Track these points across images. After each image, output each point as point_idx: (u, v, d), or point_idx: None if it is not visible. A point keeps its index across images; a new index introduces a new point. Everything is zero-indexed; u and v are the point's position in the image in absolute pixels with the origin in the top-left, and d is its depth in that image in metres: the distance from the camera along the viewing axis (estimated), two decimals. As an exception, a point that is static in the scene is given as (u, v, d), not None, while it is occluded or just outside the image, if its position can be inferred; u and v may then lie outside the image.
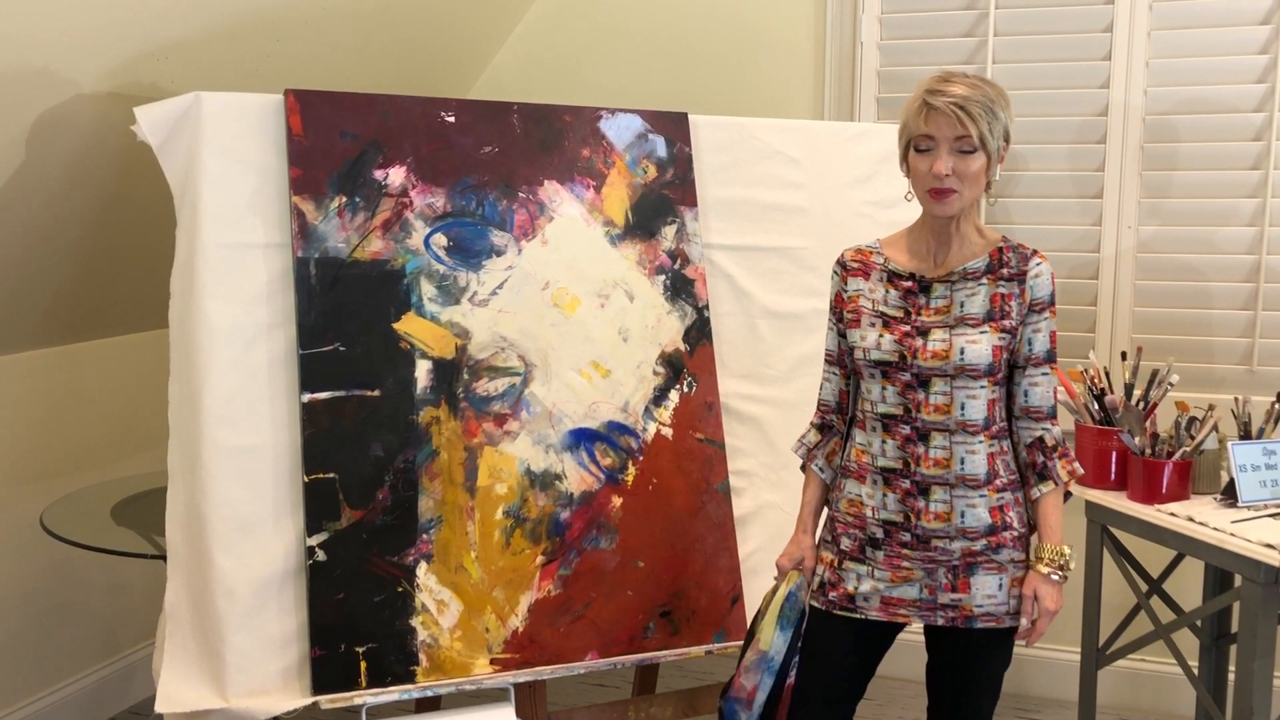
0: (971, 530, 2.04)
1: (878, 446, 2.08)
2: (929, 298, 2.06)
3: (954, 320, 2.04)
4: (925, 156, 2.00)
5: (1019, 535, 2.08)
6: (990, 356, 2.01)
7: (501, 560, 2.44)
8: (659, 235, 2.70)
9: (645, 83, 3.63)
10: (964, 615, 2.06)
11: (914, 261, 2.10)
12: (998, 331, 2.02)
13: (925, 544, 2.05)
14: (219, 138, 2.33)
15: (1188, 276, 3.20)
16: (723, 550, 2.63)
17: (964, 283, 2.05)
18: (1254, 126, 3.10)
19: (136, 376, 3.40)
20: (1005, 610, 2.07)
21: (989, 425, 2.05)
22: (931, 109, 1.97)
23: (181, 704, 2.21)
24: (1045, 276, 2.05)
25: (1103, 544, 2.81)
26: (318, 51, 3.03)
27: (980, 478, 2.04)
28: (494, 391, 2.49)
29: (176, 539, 2.30)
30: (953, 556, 2.05)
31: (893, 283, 2.10)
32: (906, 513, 2.05)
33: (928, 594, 2.06)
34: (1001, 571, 2.06)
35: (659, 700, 2.62)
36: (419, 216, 2.48)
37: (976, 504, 2.04)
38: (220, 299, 2.30)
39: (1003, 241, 2.08)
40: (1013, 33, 3.28)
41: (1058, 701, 3.41)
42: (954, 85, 1.97)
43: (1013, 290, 2.04)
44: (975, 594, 2.05)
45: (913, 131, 2.01)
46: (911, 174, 2.05)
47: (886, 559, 2.08)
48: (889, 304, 2.08)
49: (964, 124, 1.95)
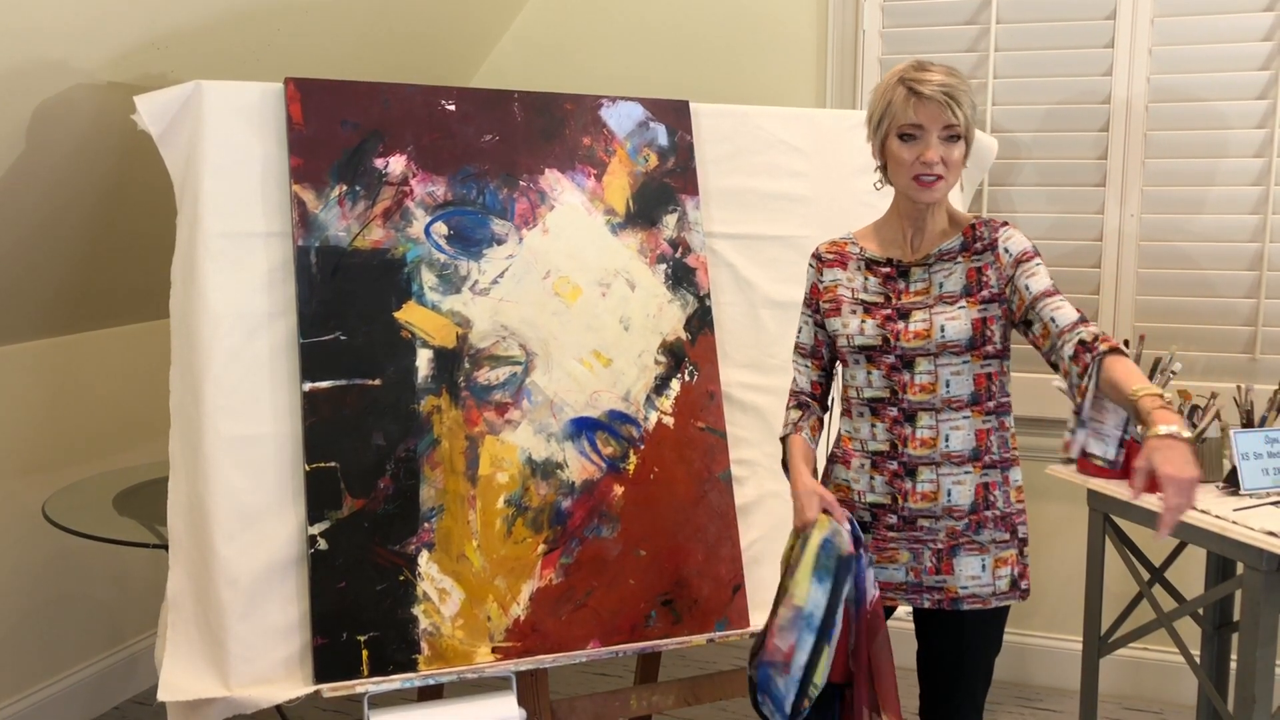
0: (957, 509, 2.05)
1: (866, 430, 2.10)
2: (908, 282, 2.08)
3: (933, 300, 2.05)
4: (912, 145, 1.99)
5: (1001, 515, 2.07)
6: (970, 330, 2.02)
7: (503, 549, 2.44)
8: (660, 224, 2.69)
9: (647, 71, 3.62)
10: (949, 597, 2.07)
11: (890, 248, 2.12)
12: (976, 305, 2.03)
13: (911, 524, 2.06)
14: (220, 127, 2.32)
15: (1190, 264, 3.19)
16: (725, 539, 2.63)
17: (941, 264, 2.07)
18: (1257, 114, 3.09)
19: (138, 366, 3.40)
20: (991, 592, 2.07)
21: (978, 401, 2.05)
22: (921, 97, 1.96)
23: (184, 693, 2.22)
24: (1017, 235, 2.06)
25: (1104, 532, 2.81)
26: (318, 40, 3.02)
27: (965, 453, 2.04)
28: (495, 380, 2.49)
29: (178, 528, 2.30)
30: (938, 537, 2.06)
31: (871, 270, 2.11)
32: (894, 494, 2.06)
33: (913, 576, 2.08)
34: (984, 553, 2.07)
35: (661, 689, 2.63)
36: (420, 205, 2.47)
37: (963, 480, 2.05)
38: (221, 288, 2.30)
39: (974, 219, 2.10)
40: (1015, 20, 3.27)
41: (1060, 690, 3.42)
42: (935, 74, 1.98)
43: (987, 260, 2.04)
44: (959, 575, 2.06)
45: (900, 120, 1.99)
46: (892, 162, 2.04)
47: (874, 542, 2.09)
48: (868, 291, 2.10)
49: (954, 111, 1.96)
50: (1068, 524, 3.35)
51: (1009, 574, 2.08)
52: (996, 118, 3.30)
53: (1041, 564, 3.40)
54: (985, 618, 2.09)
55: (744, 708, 3.28)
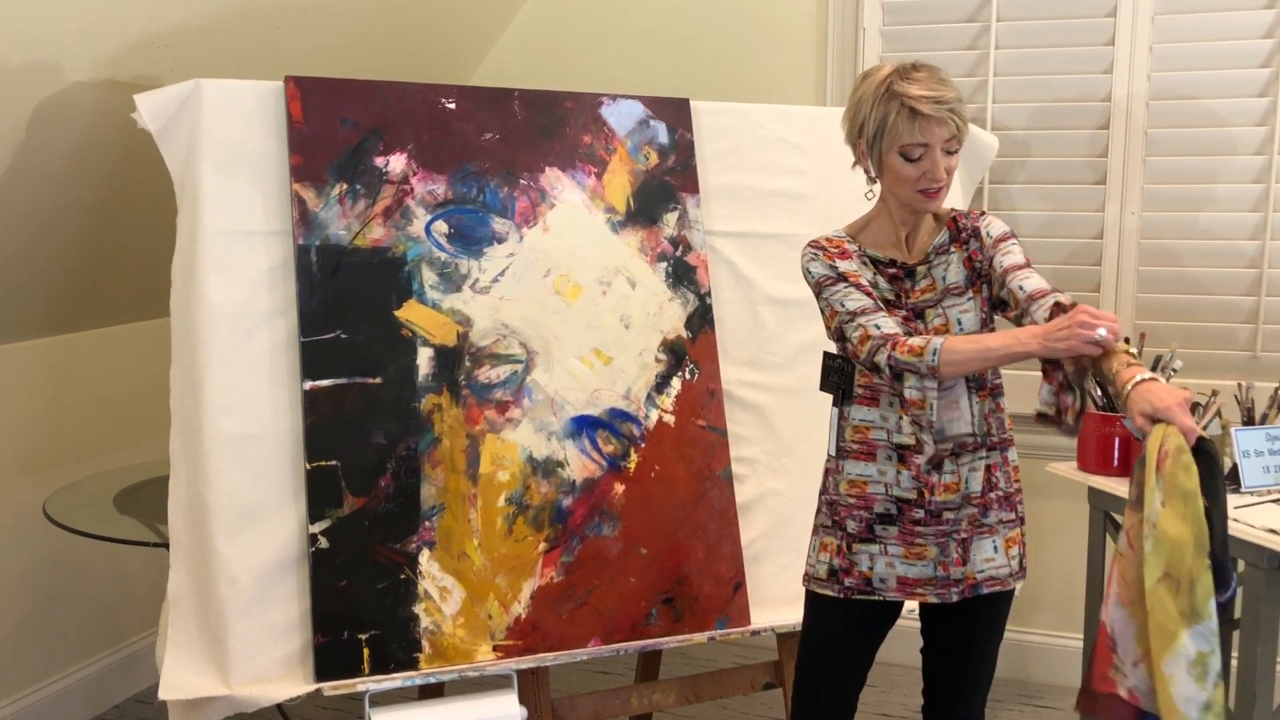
0: (974, 496, 2.06)
1: (894, 422, 2.07)
2: (914, 281, 2.09)
3: (940, 294, 2.08)
4: (917, 163, 1.98)
5: (1004, 495, 2.09)
6: (980, 318, 2.08)
7: (504, 547, 2.44)
8: (661, 222, 2.69)
9: (647, 69, 3.61)
10: (970, 584, 2.08)
11: (887, 250, 2.11)
12: (980, 292, 2.08)
13: (937, 517, 2.05)
14: (219, 125, 2.32)
15: (1191, 262, 3.19)
16: (725, 537, 2.63)
17: (939, 258, 2.09)
18: (1258, 111, 3.09)
19: (138, 365, 3.39)
20: (1008, 572, 2.10)
21: (982, 386, 2.07)
22: (924, 116, 1.95)
23: (185, 691, 2.22)
24: (996, 220, 2.12)
25: (1105, 530, 2.81)
26: (318, 39, 3.02)
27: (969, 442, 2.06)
28: (496, 379, 2.49)
29: (179, 527, 2.30)
30: (960, 527, 2.06)
31: (878, 269, 2.10)
32: (920, 489, 2.05)
33: (942, 571, 2.07)
34: (993, 534, 2.08)
35: (662, 687, 2.63)
36: (420, 204, 2.47)
37: (977, 467, 2.06)
38: (221, 287, 2.30)
39: (953, 212, 2.13)
40: (1016, 17, 3.27)
41: (1061, 687, 3.41)
42: (932, 87, 1.96)
43: (975, 247, 2.09)
44: (975, 560, 2.07)
45: (904, 140, 1.96)
46: (892, 176, 2.02)
47: (900, 535, 2.07)
48: (879, 289, 2.09)
49: (958, 126, 1.98)
50: (1068, 521, 3.35)
51: (1017, 553, 2.12)
52: (997, 115, 3.30)
53: (1042, 561, 3.40)
54: (999, 604, 2.11)
55: (745, 705, 3.29)
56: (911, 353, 1.93)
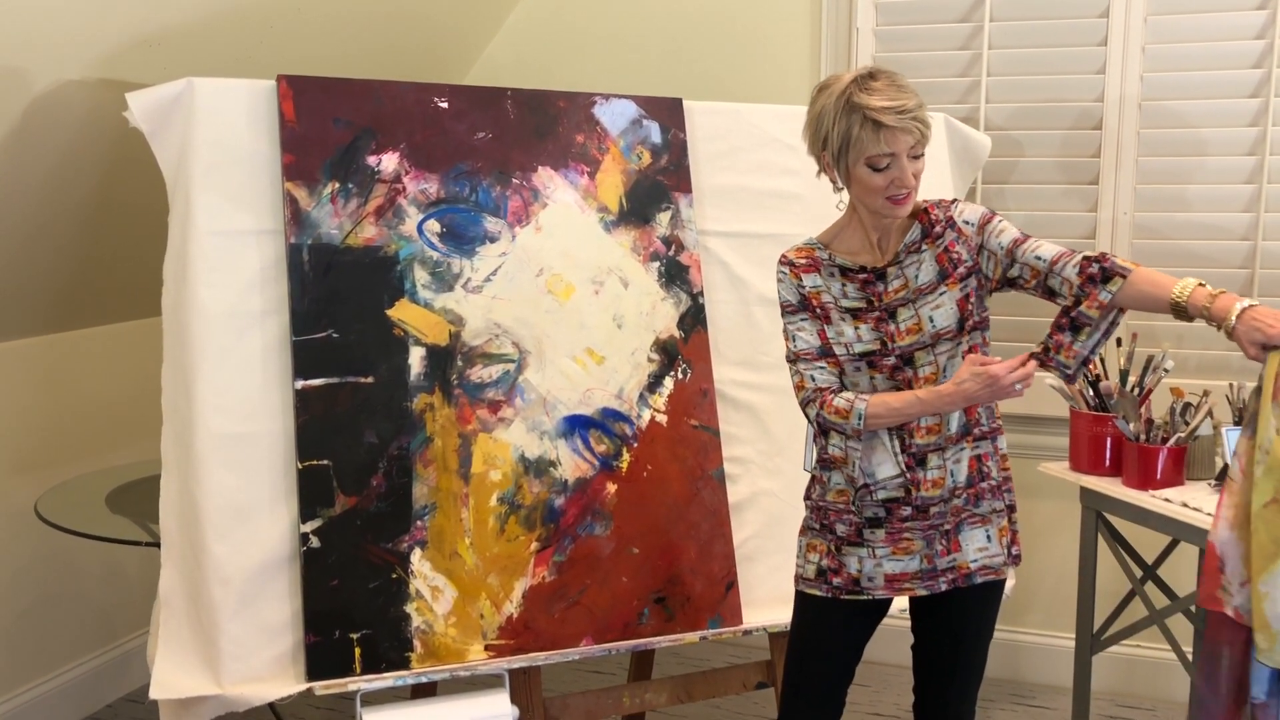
0: (960, 488, 2.07)
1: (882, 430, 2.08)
2: (885, 283, 2.08)
3: (913, 294, 2.06)
4: (885, 172, 1.97)
5: (996, 485, 2.11)
6: (957, 313, 2.04)
7: (496, 547, 2.44)
8: (653, 222, 2.69)
9: (640, 69, 3.61)
10: (962, 574, 2.09)
11: (859, 256, 2.11)
12: (956, 284, 2.05)
13: (924, 513, 2.06)
14: (212, 124, 2.32)
15: (1183, 263, 3.19)
16: (718, 537, 2.63)
17: (910, 257, 2.08)
18: (1249, 112, 3.09)
19: (130, 364, 3.39)
20: (1001, 561, 2.11)
21: None
22: (888, 128, 1.94)
23: (176, 691, 2.22)
24: (969, 205, 2.10)
25: (1097, 530, 2.82)
26: (311, 37, 3.01)
27: (958, 431, 2.06)
28: (488, 378, 2.49)
29: (171, 526, 2.30)
30: (946, 520, 2.07)
31: (846, 277, 2.09)
32: (907, 486, 2.06)
33: (927, 564, 2.08)
34: (986, 523, 2.10)
35: (654, 686, 2.63)
36: (412, 203, 2.47)
37: (961, 459, 2.07)
38: (213, 286, 2.30)
39: (924, 204, 2.11)
40: (1008, 18, 3.27)
41: (1052, 687, 3.42)
42: (893, 96, 1.94)
43: (952, 238, 2.07)
44: (967, 550, 2.08)
45: (870, 152, 1.96)
46: (860, 186, 2.01)
47: (888, 535, 2.08)
48: (849, 298, 2.09)
49: (923, 133, 1.97)
50: (1060, 521, 3.35)
51: (1010, 541, 2.13)
52: (989, 116, 3.30)
53: (1034, 561, 3.40)
54: (989, 594, 2.12)
55: (737, 705, 3.29)
56: (838, 414, 2.02)
